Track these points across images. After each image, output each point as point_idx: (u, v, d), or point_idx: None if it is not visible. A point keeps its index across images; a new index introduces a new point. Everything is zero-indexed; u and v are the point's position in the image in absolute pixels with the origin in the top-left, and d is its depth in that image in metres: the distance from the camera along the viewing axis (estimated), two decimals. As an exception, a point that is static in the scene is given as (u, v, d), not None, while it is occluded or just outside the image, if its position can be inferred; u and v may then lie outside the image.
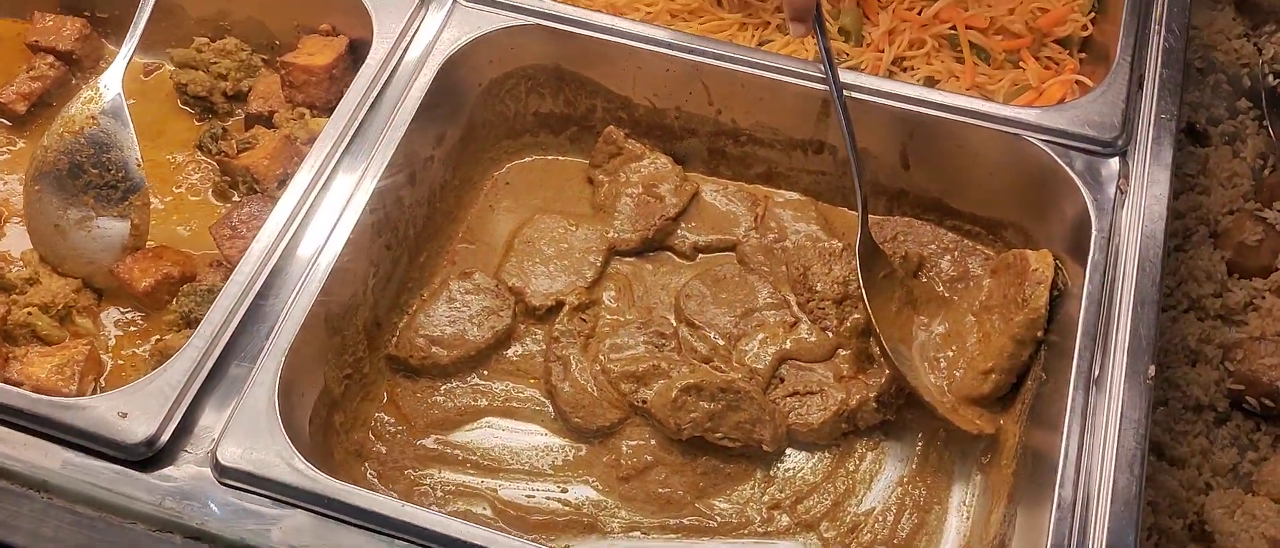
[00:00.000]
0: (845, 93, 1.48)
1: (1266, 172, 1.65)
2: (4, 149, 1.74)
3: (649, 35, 1.55)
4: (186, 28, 1.77)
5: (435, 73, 1.53)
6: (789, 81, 1.51)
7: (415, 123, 1.50)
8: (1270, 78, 1.68)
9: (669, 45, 1.54)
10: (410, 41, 1.57)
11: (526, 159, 1.74)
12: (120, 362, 1.54)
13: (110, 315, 1.57)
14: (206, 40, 1.77)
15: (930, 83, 1.66)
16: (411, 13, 1.59)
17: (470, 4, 1.60)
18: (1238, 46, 1.79)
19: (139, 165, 1.56)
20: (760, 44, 1.70)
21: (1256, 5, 1.80)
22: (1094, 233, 1.35)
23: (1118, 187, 1.39)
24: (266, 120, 1.72)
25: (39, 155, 1.57)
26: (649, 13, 1.72)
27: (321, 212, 1.42)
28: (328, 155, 1.46)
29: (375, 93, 1.52)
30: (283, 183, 1.66)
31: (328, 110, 1.69)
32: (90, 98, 1.58)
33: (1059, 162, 1.42)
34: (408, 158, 1.50)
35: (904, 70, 1.67)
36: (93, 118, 1.56)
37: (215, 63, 1.75)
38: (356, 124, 1.49)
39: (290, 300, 1.34)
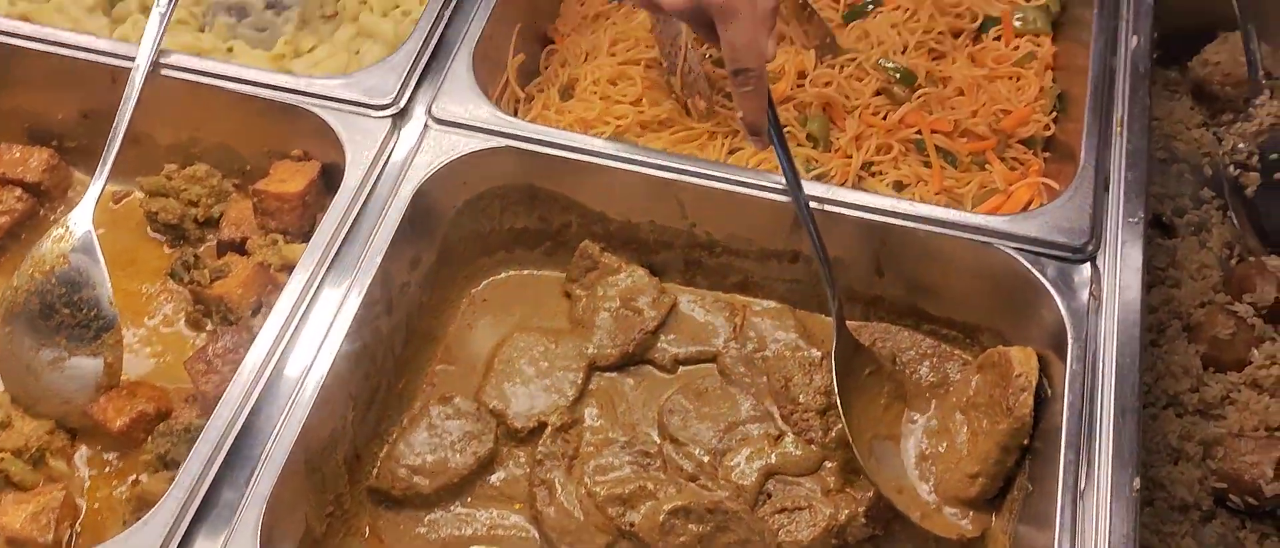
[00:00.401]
0: (815, 204, 1.50)
1: (1233, 261, 1.68)
2: (-30, 285, 1.72)
3: (621, 153, 1.56)
4: (156, 156, 1.75)
5: (410, 199, 1.53)
6: (761, 196, 1.53)
7: (391, 250, 1.49)
8: (1231, 168, 1.72)
9: (641, 162, 1.55)
10: (383, 167, 1.57)
11: (502, 275, 1.73)
12: (96, 505, 1.52)
13: (82, 454, 1.55)
14: (176, 167, 1.76)
15: (899, 187, 1.67)
16: (383, 137, 1.59)
17: (442, 127, 1.60)
18: (1197, 136, 1.82)
19: (111, 303, 1.54)
20: (730, 153, 1.72)
21: (1214, 96, 1.84)
22: (1071, 343, 1.37)
23: (1090, 293, 1.41)
24: (239, 247, 1.70)
25: (9, 296, 1.55)
26: (620, 125, 1.73)
27: (299, 347, 1.41)
28: (304, 288, 1.45)
29: (350, 221, 1.51)
30: (256, 311, 1.65)
31: (301, 236, 1.69)
32: (61, 236, 1.56)
33: (1031, 269, 1.44)
34: (385, 286, 1.49)
35: (873, 175, 1.69)
36: (63, 257, 1.55)
37: (185, 189, 1.74)
38: (332, 254, 1.48)
39: (269, 444, 1.32)
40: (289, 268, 1.66)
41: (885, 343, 1.61)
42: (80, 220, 1.56)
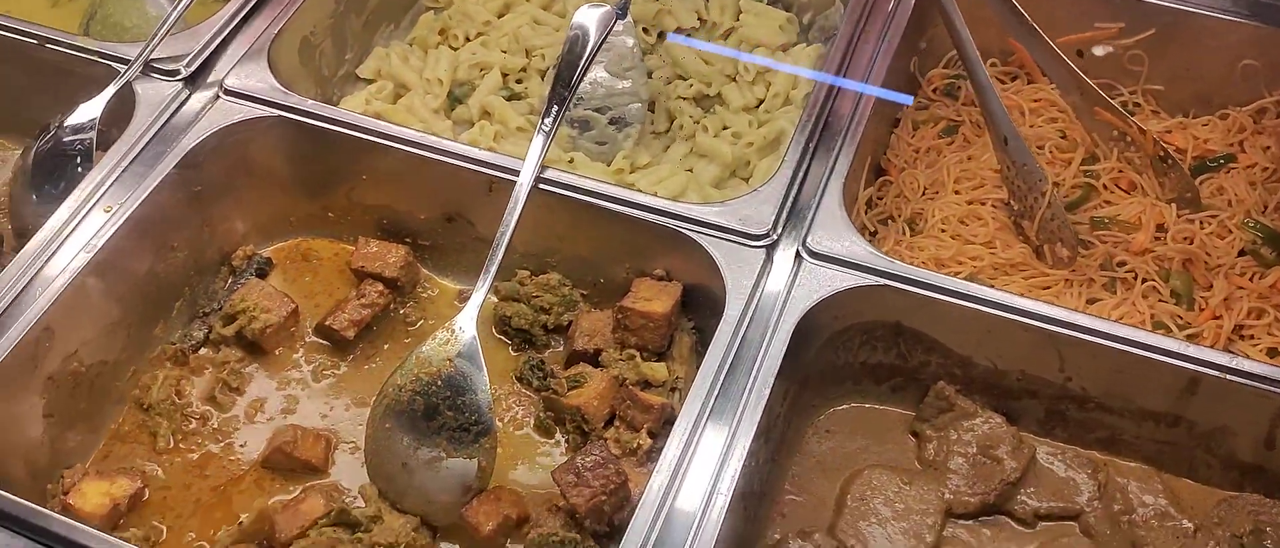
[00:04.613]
0: (1216, 373, 1.46)
1: None
2: (329, 373, 1.78)
3: (1009, 304, 1.55)
4: (511, 261, 1.80)
5: (790, 333, 1.54)
6: (1159, 359, 1.49)
7: (775, 385, 1.50)
8: None
9: (1030, 314, 1.54)
10: (759, 298, 1.59)
11: (843, 407, 1.73)
12: (459, 605, 1.55)
13: (440, 553, 1.59)
14: (528, 273, 1.81)
15: (1273, 353, 1.63)
16: (759, 268, 1.61)
17: (815, 261, 1.61)
18: None
19: (490, 409, 1.57)
20: (1089, 302, 1.70)
21: None
22: None
23: None
24: (592, 358, 1.74)
25: (391, 394, 1.59)
26: (975, 266, 1.73)
27: (691, 480, 1.42)
28: (695, 421, 1.46)
29: (732, 354, 1.53)
30: (608, 423, 1.67)
31: (656, 354, 1.71)
32: (446, 339, 1.61)
33: None
34: (769, 421, 1.50)
35: (1243, 338, 1.65)
36: (449, 360, 1.59)
37: (538, 296, 1.79)
38: (718, 387, 1.50)
39: (678, 577, 1.33)
40: (644, 384, 1.69)
41: (1261, 516, 1.55)
42: (466, 326, 1.61)
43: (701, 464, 1.43)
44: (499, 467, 1.63)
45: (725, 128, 2.02)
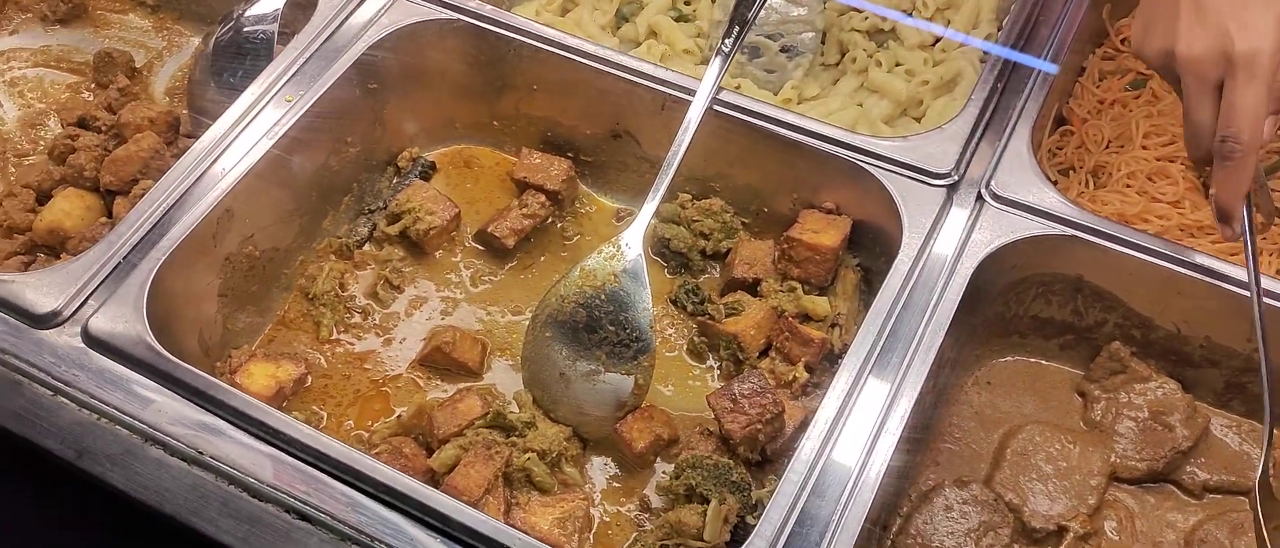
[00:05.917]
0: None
1: None
2: (486, 279, 1.80)
3: (1209, 266, 1.48)
4: (674, 183, 1.76)
5: (968, 278, 1.50)
6: (1363, 336, 1.42)
7: (949, 327, 1.46)
8: None
9: (1230, 279, 1.46)
10: (935, 239, 1.54)
11: (1007, 359, 1.68)
12: (607, 518, 1.55)
13: (593, 466, 1.59)
14: (690, 197, 1.79)
15: None
16: (939, 208, 1.56)
17: (999, 206, 1.56)
18: None
19: (651, 327, 1.57)
20: (1277, 273, 1.61)
21: None
22: None
23: None
24: (751, 287, 1.72)
25: (554, 303, 1.60)
26: (1162, 225, 1.65)
27: (856, 417, 1.39)
28: (864, 360, 1.43)
29: (908, 291, 1.49)
30: (763, 353, 1.66)
31: (819, 288, 1.68)
32: (612, 254, 1.60)
33: None
34: (938, 366, 1.47)
35: None
36: (614, 275, 1.58)
37: (699, 221, 1.77)
38: (890, 326, 1.46)
39: (842, 510, 1.31)
40: (803, 318, 1.67)
41: None
42: (633, 242, 1.60)
43: (868, 402, 1.40)
44: (661, 391, 1.64)
45: (898, 64, 1.96)
